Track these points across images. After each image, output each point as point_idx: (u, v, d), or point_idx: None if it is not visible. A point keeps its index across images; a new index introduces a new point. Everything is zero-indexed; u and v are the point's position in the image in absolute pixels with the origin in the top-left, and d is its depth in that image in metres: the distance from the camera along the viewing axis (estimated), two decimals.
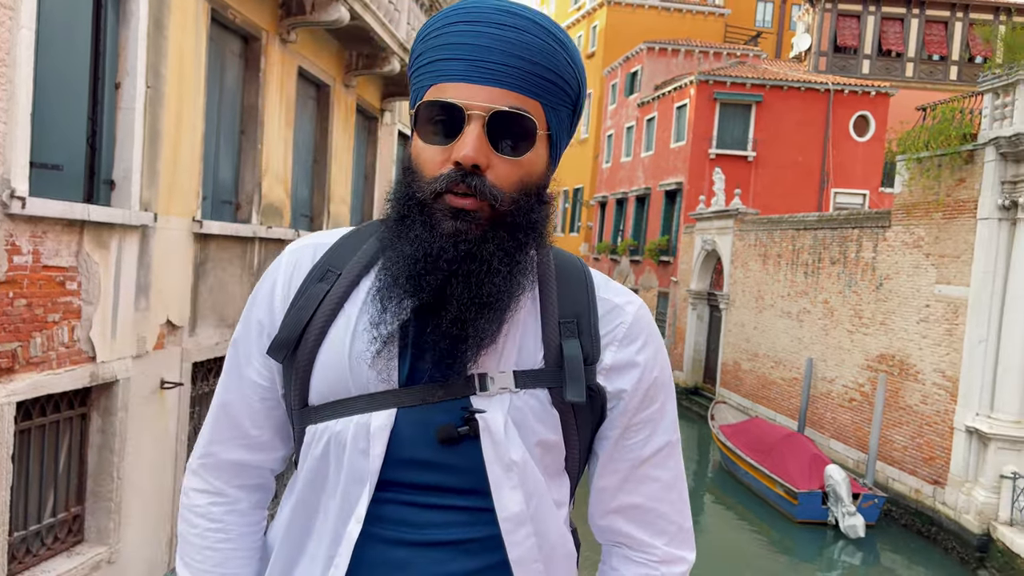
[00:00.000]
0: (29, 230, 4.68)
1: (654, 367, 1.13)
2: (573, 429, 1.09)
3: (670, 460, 1.17)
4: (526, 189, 1.02)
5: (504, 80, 0.98)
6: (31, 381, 4.81)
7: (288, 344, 1.08)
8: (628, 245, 29.33)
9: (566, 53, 1.04)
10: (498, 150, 0.99)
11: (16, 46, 4.46)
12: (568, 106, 1.06)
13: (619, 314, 1.11)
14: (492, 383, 1.04)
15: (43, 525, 5.30)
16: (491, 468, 1.04)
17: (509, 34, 0.99)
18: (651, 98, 28.78)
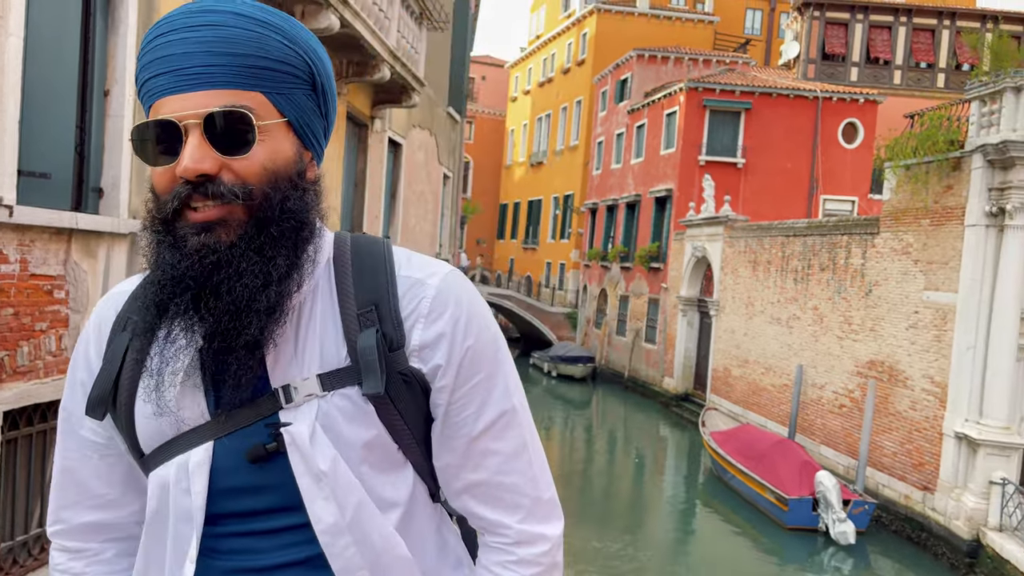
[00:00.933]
0: (16, 238, 4.65)
1: (466, 336, 1.05)
2: (398, 418, 1.04)
3: (509, 430, 1.08)
4: (275, 178, 0.97)
5: (212, 81, 0.95)
6: (18, 391, 4.77)
7: (103, 401, 1.06)
8: (618, 252, 29.39)
9: (279, 35, 0.98)
10: (226, 153, 0.95)
11: (4, 54, 4.44)
12: (303, 87, 1.01)
13: (420, 289, 1.05)
14: (296, 392, 1.01)
15: (30, 536, 5.24)
16: (301, 481, 1.00)
17: (207, 34, 0.95)
18: (641, 105, 28.89)
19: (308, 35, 1.03)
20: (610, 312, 30.07)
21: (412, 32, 10.93)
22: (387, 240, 1.12)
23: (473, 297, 1.08)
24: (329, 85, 1.06)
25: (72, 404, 1.13)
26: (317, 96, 1.04)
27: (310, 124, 1.04)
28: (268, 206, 0.96)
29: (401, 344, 1.03)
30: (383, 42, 9.24)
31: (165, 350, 1.00)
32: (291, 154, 1.01)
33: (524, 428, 1.10)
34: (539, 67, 43.49)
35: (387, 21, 9.60)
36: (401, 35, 10.33)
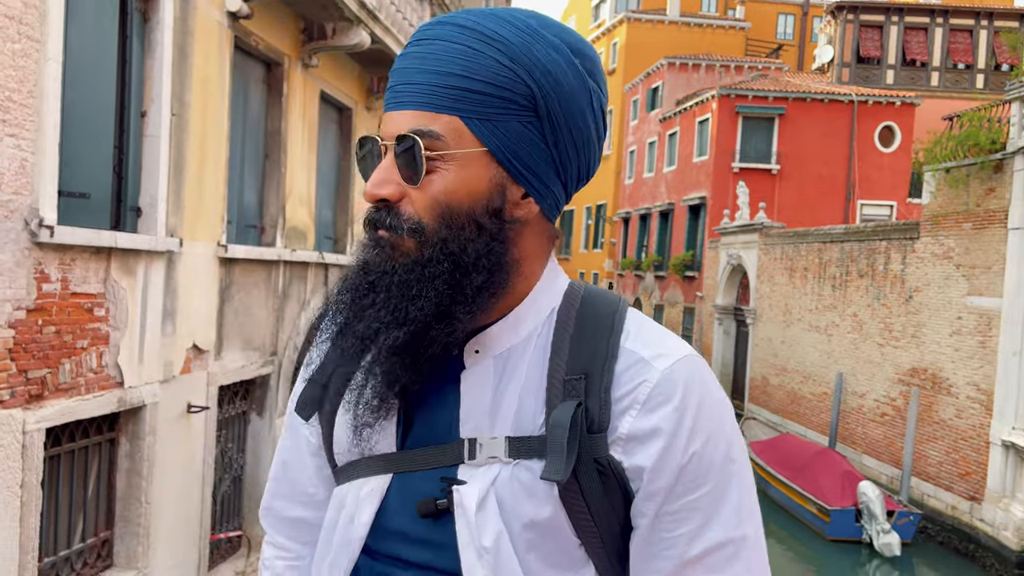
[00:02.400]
0: (57, 258, 4.75)
1: (692, 438, 0.88)
2: (583, 509, 0.90)
3: (736, 563, 0.90)
4: (448, 216, 0.88)
5: (414, 100, 0.89)
6: (60, 407, 4.86)
7: (310, 402, 1.04)
8: (652, 261, 29.21)
9: (499, 53, 0.88)
10: (405, 179, 0.89)
11: (44, 78, 4.55)
12: (519, 113, 0.89)
13: (643, 370, 0.90)
14: (481, 450, 0.91)
15: (73, 550, 5.33)
16: (464, 551, 0.90)
17: (428, 48, 0.89)
18: (673, 113, 28.74)
19: (546, 53, 0.90)
20: None
21: None
22: (623, 301, 0.98)
23: (709, 391, 0.91)
24: (566, 113, 0.91)
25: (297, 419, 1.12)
26: (542, 124, 0.90)
27: (522, 156, 0.90)
28: (427, 244, 0.88)
29: (604, 428, 0.89)
30: None
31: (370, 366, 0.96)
32: (481, 187, 0.89)
33: (754, 566, 0.91)
34: None
35: None
36: None
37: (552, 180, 0.94)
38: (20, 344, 4.52)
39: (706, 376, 0.92)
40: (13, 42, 4.33)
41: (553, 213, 0.97)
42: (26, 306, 4.54)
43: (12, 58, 4.33)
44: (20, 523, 4.60)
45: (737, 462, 0.91)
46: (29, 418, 4.61)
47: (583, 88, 0.92)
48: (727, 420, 0.92)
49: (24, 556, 4.64)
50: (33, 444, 4.64)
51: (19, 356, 4.52)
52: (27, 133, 4.46)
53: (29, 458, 4.62)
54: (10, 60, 4.32)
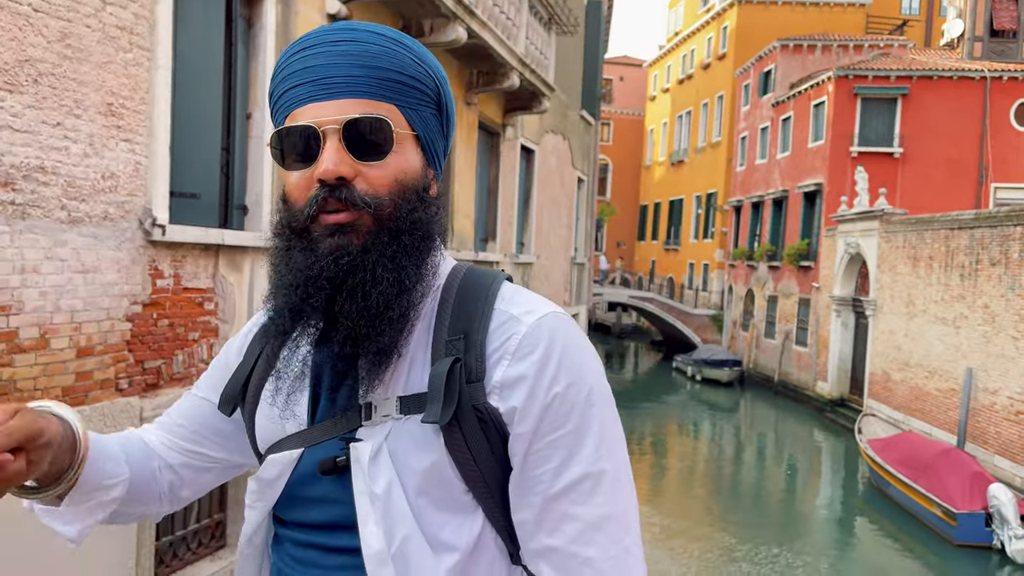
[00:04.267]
0: (170, 255, 5.03)
1: (554, 382, 0.97)
2: (466, 454, 0.98)
3: (596, 495, 0.97)
4: (404, 190, 1.00)
5: (352, 90, 0.98)
6: (174, 395, 5.14)
7: (232, 399, 1.13)
8: (765, 250, 28.28)
9: (412, 54, 1.02)
10: (361, 159, 0.97)
11: (155, 85, 4.82)
12: (429, 105, 1.04)
13: (513, 325, 0.99)
14: (376, 411, 1.00)
15: (188, 531, 5.65)
16: (358, 500, 0.99)
17: (349, 48, 0.99)
18: (786, 97, 27.68)
19: (434, 58, 1.07)
20: (757, 313, 28.95)
21: (541, 37, 10.97)
22: (504, 275, 1.09)
23: (572, 341, 1.00)
24: (451, 107, 1.08)
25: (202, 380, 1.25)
26: (441, 116, 1.07)
27: (434, 141, 1.06)
28: (397, 216, 0.98)
29: (480, 377, 0.98)
30: (511, 50, 9.32)
31: (292, 354, 1.05)
32: (418, 168, 1.03)
33: (617, 498, 0.98)
34: (678, 64, 42.63)
35: (515, 29, 9.68)
36: (529, 41, 10.38)
37: (441, 163, 1.10)
38: (137, 336, 4.81)
39: (570, 330, 1.01)
40: (125, 52, 4.60)
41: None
42: (142, 300, 4.83)
43: (124, 67, 4.60)
44: None
45: (597, 405, 0.99)
46: (146, 405, 4.90)
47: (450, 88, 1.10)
48: (589, 368, 1.01)
49: (142, 534, 4.95)
50: None
51: (136, 348, 4.82)
52: (140, 138, 4.73)
53: None
54: (123, 69, 4.59)
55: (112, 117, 4.53)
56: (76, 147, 4.30)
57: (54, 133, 4.16)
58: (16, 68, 3.92)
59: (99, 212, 4.47)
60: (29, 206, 4.03)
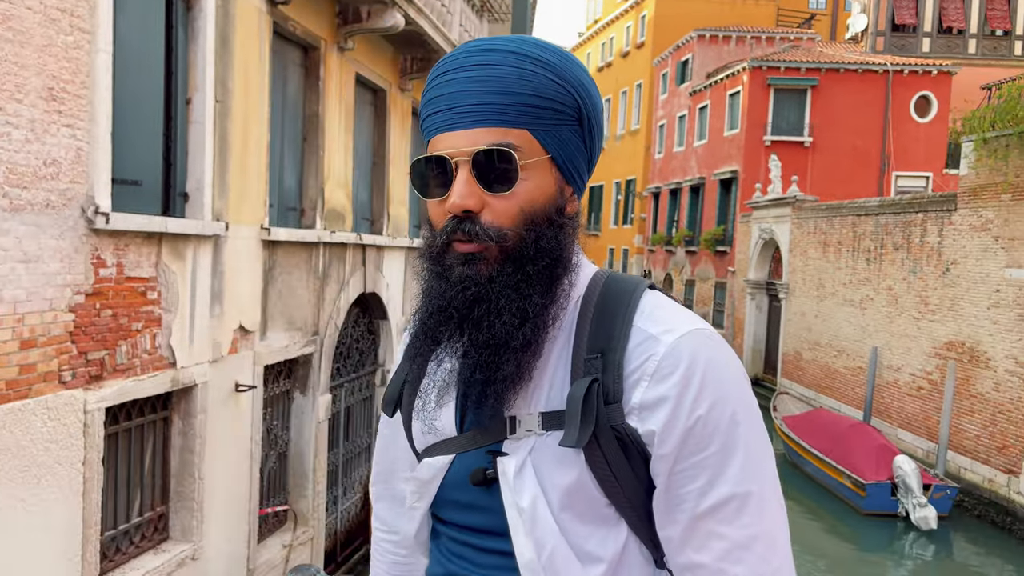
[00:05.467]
0: (113, 244, 4.91)
1: (696, 404, 0.97)
2: (607, 472, 1.01)
3: (743, 516, 0.97)
4: (531, 219, 1.01)
5: (482, 119, 0.99)
6: (118, 388, 5.04)
7: (391, 402, 1.21)
8: (683, 236, 29.07)
9: (550, 73, 1.02)
10: (490, 189, 0.99)
11: (95, 69, 4.68)
12: (568, 122, 1.04)
13: (652, 345, 0.99)
14: (520, 426, 1.04)
15: (131, 524, 5.55)
16: (508, 512, 1.04)
17: (480, 73, 1.00)
18: (703, 86, 28.44)
19: (579, 69, 1.06)
20: (676, 297, 29.72)
21: (474, 24, 11.01)
22: (646, 284, 1.08)
23: (714, 360, 0.99)
24: (596, 119, 1.07)
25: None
26: (583, 131, 1.06)
27: (573, 160, 1.06)
28: (523, 246, 1.00)
29: (619, 398, 0.99)
30: (446, 36, 9.34)
31: (435, 373, 1.11)
32: (552, 190, 1.03)
33: (764, 517, 0.98)
34: (598, 52, 43.14)
35: (449, 16, 9.70)
36: (463, 28, 10.42)
37: (585, 178, 1.10)
38: (80, 327, 4.69)
39: (711, 347, 1.00)
40: (66, 34, 4.46)
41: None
42: (85, 290, 4.71)
43: (65, 50, 4.46)
44: (83, 498, 4.80)
45: (743, 425, 0.98)
46: (90, 398, 4.79)
47: (599, 97, 1.09)
48: (734, 386, 1.00)
49: (87, 530, 4.85)
50: (94, 423, 4.83)
51: (79, 339, 4.70)
52: (81, 123, 4.60)
53: (90, 436, 4.81)
54: (63, 52, 4.45)
55: (53, 102, 4.39)
56: (17, 133, 4.16)
57: None
58: None
59: (41, 200, 4.34)
60: None
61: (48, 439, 4.49)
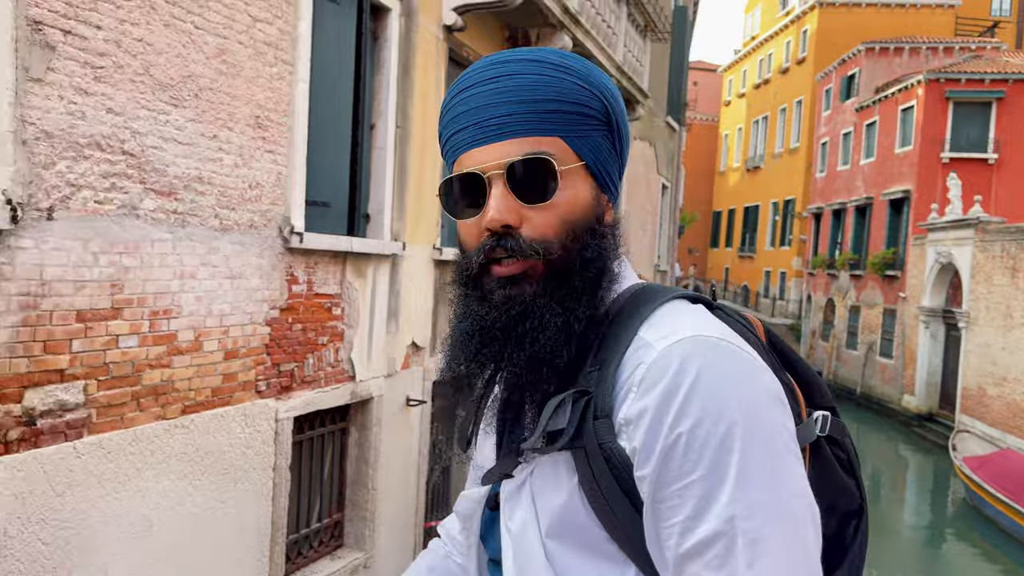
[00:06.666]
0: (304, 262, 5.19)
1: (679, 418, 0.82)
2: (602, 502, 0.89)
3: (731, 561, 0.80)
4: (573, 229, 0.95)
5: (512, 130, 0.93)
6: (304, 398, 5.31)
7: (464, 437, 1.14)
8: (847, 259, 27.56)
9: (574, 77, 0.96)
10: (528, 202, 0.93)
11: (295, 99, 4.99)
12: (599, 128, 0.98)
13: (644, 353, 0.88)
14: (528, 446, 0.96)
15: (311, 529, 5.81)
16: (502, 536, 0.99)
17: (505, 83, 0.95)
18: (871, 101, 26.95)
19: (602, 75, 1.01)
20: (838, 324, 28.21)
21: (637, 45, 10.95)
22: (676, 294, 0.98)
23: (711, 370, 0.84)
24: (623, 124, 1.02)
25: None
26: (612, 135, 1.00)
27: (607, 165, 1.00)
28: (568, 258, 0.94)
29: (607, 413, 0.89)
30: (611, 58, 9.34)
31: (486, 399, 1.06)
32: (589, 198, 0.97)
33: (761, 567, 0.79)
34: (755, 68, 41.93)
35: (614, 37, 9.70)
36: (627, 49, 10.38)
37: (618, 185, 1.04)
38: (274, 340, 4.99)
39: (712, 354, 0.85)
40: (271, 66, 4.78)
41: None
42: (279, 306, 5.00)
43: (269, 80, 4.78)
44: (272, 502, 5.07)
45: (739, 448, 0.81)
46: (281, 407, 5.07)
47: (622, 101, 1.03)
48: (733, 401, 0.82)
49: (275, 532, 5.12)
50: (284, 431, 5.11)
51: (273, 351, 4.99)
52: (282, 149, 4.91)
53: (280, 443, 5.09)
54: (268, 83, 4.77)
55: (259, 129, 4.71)
56: (228, 158, 4.48)
57: (210, 145, 4.35)
58: (180, 84, 4.12)
59: (246, 220, 4.65)
60: (188, 215, 4.22)
61: (245, 444, 4.78)
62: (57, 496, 3.55)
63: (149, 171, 3.95)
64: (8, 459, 3.31)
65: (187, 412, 4.32)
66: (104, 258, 3.72)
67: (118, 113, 3.74)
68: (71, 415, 3.61)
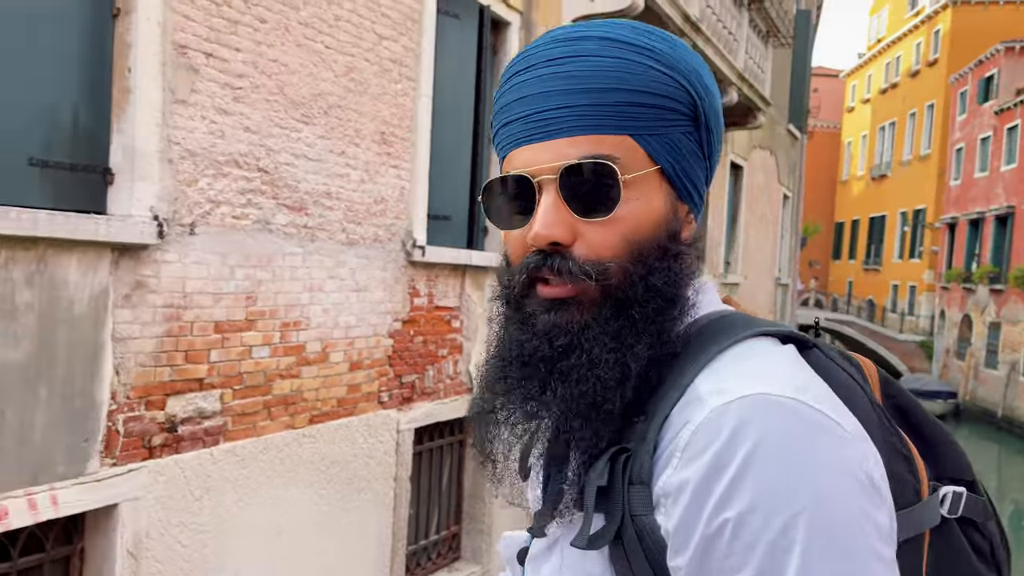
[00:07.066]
0: (426, 275, 5.25)
1: (727, 500, 0.65)
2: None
3: None
4: (638, 250, 0.78)
5: (571, 125, 0.77)
6: (424, 410, 5.36)
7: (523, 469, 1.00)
8: (986, 272, 25.80)
9: (655, 60, 0.78)
10: (584, 215, 0.77)
11: (417, 113, 5.06)
12: (681, 124, 0.80)
13: (694, 409, 0.70)
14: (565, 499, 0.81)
15: (429, 541, 5.85)
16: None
17: (566, 67, 0.78)
18: (1013, 104, 25.21)
19: (692, 58, 0.83)
20: (976, 341, 26.41)
21: (759, 51, 10.62)
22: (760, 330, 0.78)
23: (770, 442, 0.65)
24: (715, 120, 0.84)
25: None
26: (699, 133, 0.82)
27: (688, 170, 0.82)
28: (628, 284, 0.77)
29: (645, 479, 0.71)
30: (731, 65, 9.08)
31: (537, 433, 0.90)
32: (662, 211, 0.80)
33: None
34: (880, 72, 40.05)
35: (735, 43, 9.43)
36: (748, 56, 10.08)
37: (703, 193, 0.85)
38: (396, 352, 5.05)
39: (780, 419, 0.66)
40: (395, 82, 4.86)
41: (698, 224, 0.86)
42: (402, 318, 5.07)
43: (394, 97, 4.86)
44: (393, 513, 5.13)
45: (800, 547, 0.62)
46: (402, 418, 5.13)
47: (717, 90, 0.84)
48: (801, 482, 0.64)
49: (396, 542, 5.17)
50: (404, 442, 5.16)
51: (396, 363, 5.06)
52: (405, 164, 4.99)
53: (401, 454, 5.14)
54: (393, 99, 4.85)
55: (384, 145, 4.79)
56: (355, 174, 4.58)
57: (338, 161, 4.45)
58: (311, 101, 4.24)
59: (371, 234, 4.74)
60: (317, 229, 4.34)
61: (367, 455, 4.86)
62: (195, 500, 3.69)
63: (281, 187, 4.08)
64: (152, 463, 3.47)
65: (314, 422, 4.43)
66: (240, 271, 3.86)
67: (254, 131, 3.88)
68: (209, 422, 3.75)
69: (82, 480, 3.17)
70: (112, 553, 3.34)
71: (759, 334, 0.77)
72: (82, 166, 3.27)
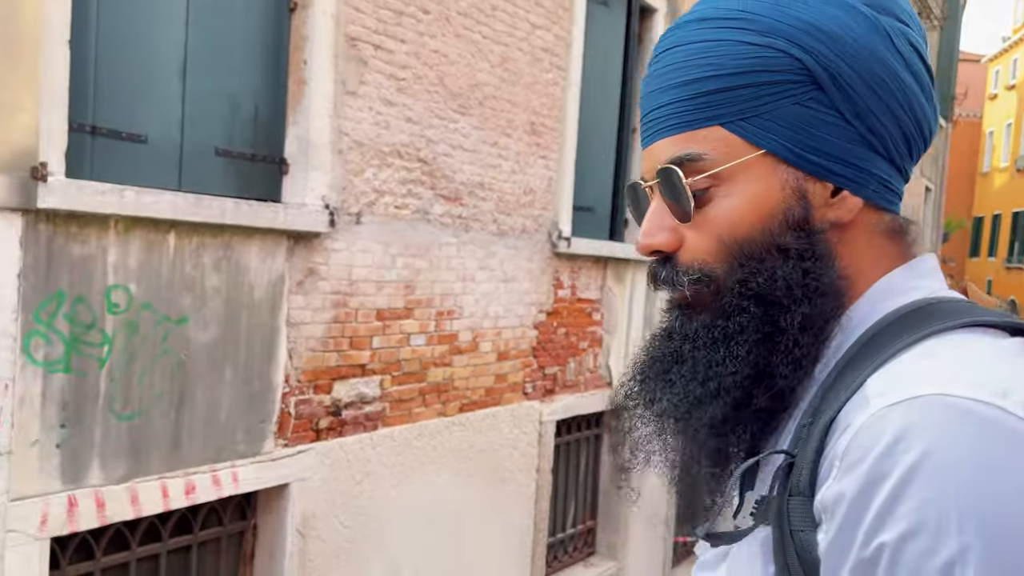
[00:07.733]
0: (569, 266, 5.21)
1: (886, 522, 0.55)
2: None
3: None
4: (734, 251, 0.71)
5: (665, 125, 0.73)
6: (565, 402, 5.32)
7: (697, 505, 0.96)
8: None
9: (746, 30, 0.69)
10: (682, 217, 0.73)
11: (566, 104, 5.02)
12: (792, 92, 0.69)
13: (856, 412, 0.60)
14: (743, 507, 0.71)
15: (567, 534, 5.83)
16: None
17: (668, 59, 0.73)
18: None
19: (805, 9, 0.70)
20: None
21: None
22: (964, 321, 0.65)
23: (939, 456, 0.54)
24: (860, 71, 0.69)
25: None
26: (830, 95, 0.69)
27: (817, 143, 0.70)
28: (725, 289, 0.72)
29: (803, 490, 0.63)
30: None
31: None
32: (775, 200, 0.71)
33: None
34: None
35: None
36: None
37: (868, 159, 0.71)
38: (540, 343, 5.04)
39: (954, 428, 0.54)
40: (546, 72, 4.83)
41: (887, 199, 0.74)
42: (546, 309, 5.04)
43: (545, 87, 4.83)
44: (535, 504, 5.13)
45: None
46: (544, 410, 5.11)
47: (875, 32, 0.69)
48: (975, 505, 0.52)
49: (537, 533, 5.17)
50: (547, 434, 5.15)
51: (539, 354, 5.04)
52: (553, 154, 4.95)
53: (544, 446, 5.13)
54: (543, 89, 4.82)
55: (534, 135, 4.77)
56: (506, 164, 4.58)
57: (491, 152, 4.46)
58: (468, 92, 4.26)
59: (519, 225, 4.73)
60: (471, 219, 4.36)
61: (511, 445, 4.86)
62: (356, 484, 3.78)
63: (439, 177, 4.12)
64: (319, 446, 3.57)
65: (464, 410, 4.46)
66: (400, 260, 3.92)
67: (415, 122, 3.93)
68: (369, 407, 3.84)
69: (259, 459, 3.30)
70: (283, 530, 3.46)
71: (968, 324, 0.64)
72: (261, 156, 3.39)
